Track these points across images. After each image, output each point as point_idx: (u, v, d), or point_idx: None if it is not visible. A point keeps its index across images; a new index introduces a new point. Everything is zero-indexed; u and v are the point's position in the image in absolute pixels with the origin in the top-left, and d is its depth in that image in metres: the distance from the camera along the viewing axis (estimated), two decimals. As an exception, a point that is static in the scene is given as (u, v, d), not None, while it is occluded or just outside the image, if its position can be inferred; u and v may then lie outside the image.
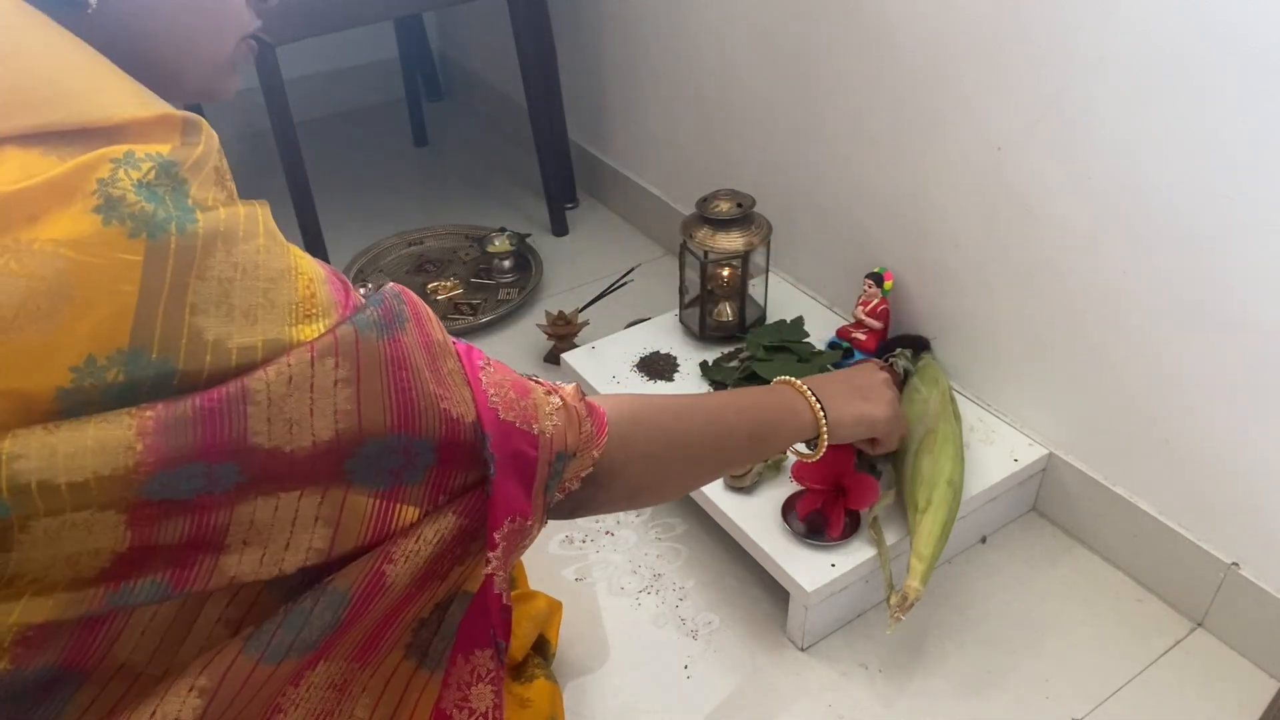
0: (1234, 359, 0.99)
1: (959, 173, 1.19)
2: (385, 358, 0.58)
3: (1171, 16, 0.91)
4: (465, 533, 0.64)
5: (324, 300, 0.58)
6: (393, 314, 0.60)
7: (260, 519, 0.55)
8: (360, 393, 0.56)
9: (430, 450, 0.61)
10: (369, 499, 0.59)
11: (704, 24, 1.50)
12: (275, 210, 0.64)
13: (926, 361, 1.26)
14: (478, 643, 0.67)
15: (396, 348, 0.59)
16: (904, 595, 1.01)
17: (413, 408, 0.59)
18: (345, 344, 0.56)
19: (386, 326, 0.59)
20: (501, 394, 0.65)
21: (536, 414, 0.67)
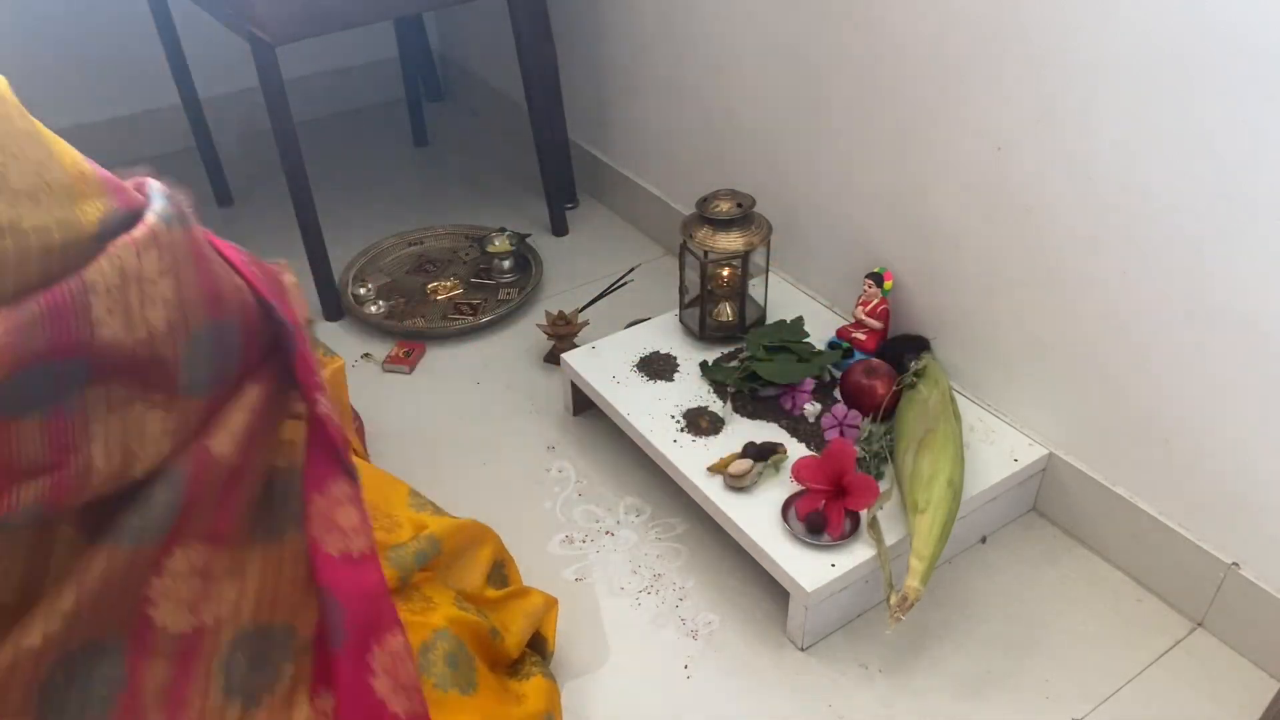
0: (1234, 359, 0.99)
1: (959, 173, 1.19)
2: (189, 250, 0.63)
3: (1171, 17, 0.91)
4: (270, 399, 0.70)
5: (94, 179, 0.62)
6: (180, 210, 0.65)
7: (112, 428, 0.59)
8: (179, 283, 0.62)
9: (236, 333, 0.67)
10: (203, 403, 0.65)
11: (704, 24, 1.50)
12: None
13: (926, 361, 1.26)
14: (327, 475, 0.72)
15: (193, 240, 0.64)
16: (904, 595, 1.01)
17: (219, 294, 0.65)
18: (160, 236, 0.61)
19: (181, 220, 0.64)
20: (259, 268, 0.71)
21: (284, 285, 0.73)
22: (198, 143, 1.89)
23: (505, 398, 1.48)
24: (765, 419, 1.26)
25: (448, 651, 0.84)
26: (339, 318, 1.65)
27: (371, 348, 1.59)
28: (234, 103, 2.09)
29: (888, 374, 1.23)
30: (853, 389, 1.23)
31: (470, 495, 1.31)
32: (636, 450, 1.31)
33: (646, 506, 1.29)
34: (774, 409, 1.27)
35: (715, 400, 1.29)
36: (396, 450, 1.38)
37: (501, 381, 1.52)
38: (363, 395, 1.46)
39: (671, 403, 1.29)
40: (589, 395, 1.36)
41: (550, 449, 1.39)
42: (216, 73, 1.96)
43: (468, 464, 1.37)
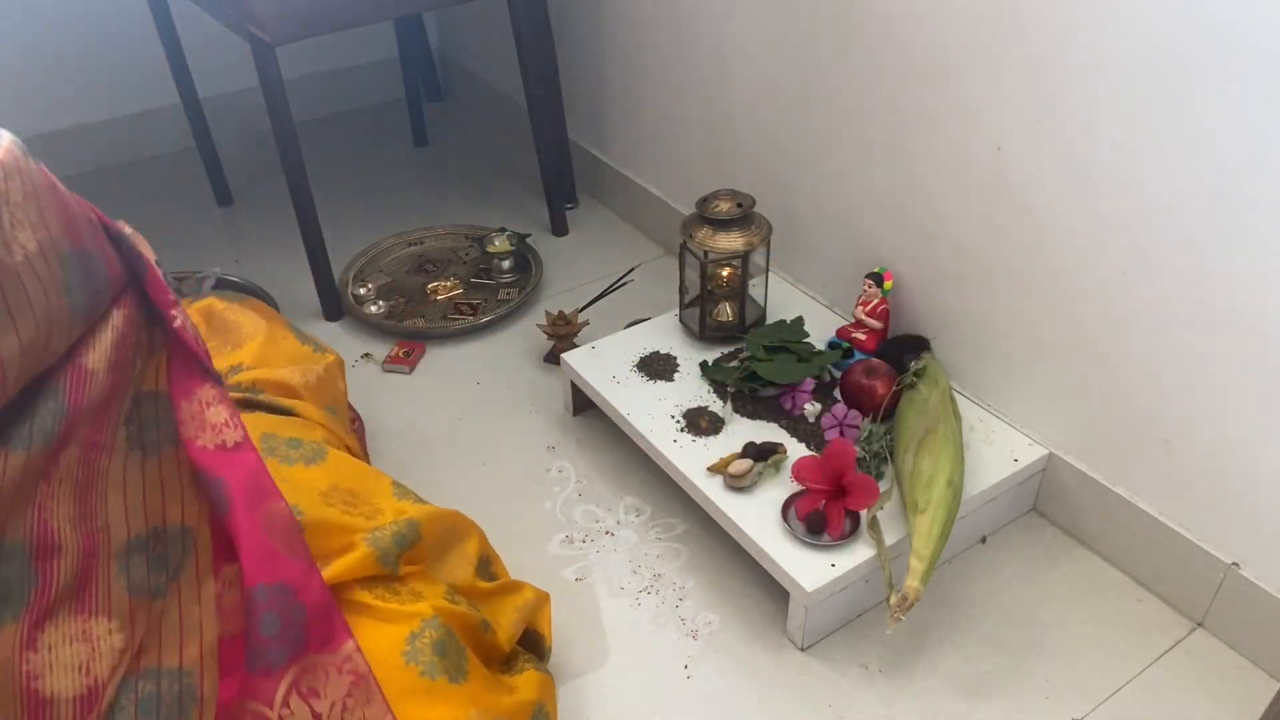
0: (1234, 359, 0.99)
1: (959, 173, 1.19)
2: (43, 179, 0.64)
3: (1171, 17, 0.91)
4: (130, 322, 0.72)
5: None
6: (24, 145, 0.65)
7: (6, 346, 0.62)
8: (41, 208, 0.63)
9: (99, 260, 0.68)
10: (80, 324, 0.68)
11: (704, 24, 1.50)
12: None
13: (926, 361, 1.26)
14: (192, 384, 0.75)
15: (43, 171, 0.65)
16: (904, 595, 1.01)
17: (75, 223, 0.66)
18: (20, 162, 0.62)
19: (28, 153, 0.65)
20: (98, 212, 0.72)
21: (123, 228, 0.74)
22: (198, 143, 1.90)
23: (505, 398, 1.48)
24: (765, 419, 1.26)
25: (436, 639, 0.84)
26: (339, 318, 1.65)
27: (371, 348, 1.59)
28: (234, 103, 2.09)
29: (888, 374, 1.23)
30: (853, 389, 1.23)
31: (470, 495, 1.31)
32: (636, 450, 1.31)
33: (646, 506, 1.29)
34: (774, 409, 1.27)
35: (715, 400, 1.29)
36: (396, 450, 1.38)
37: (501, 381, 1.52)
38: (363, 395, 1.46)
39: (671, 403, 1.29)
40: (589, 395, 1.36)
41: (550, 449, 1.39)
42: (216, 73, 1.96)
43: (468, 464, 1.37)
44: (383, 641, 0.82)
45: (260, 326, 1.12)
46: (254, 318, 1.13)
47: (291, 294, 1.68)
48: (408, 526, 0.90)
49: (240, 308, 1.14)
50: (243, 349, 1.07)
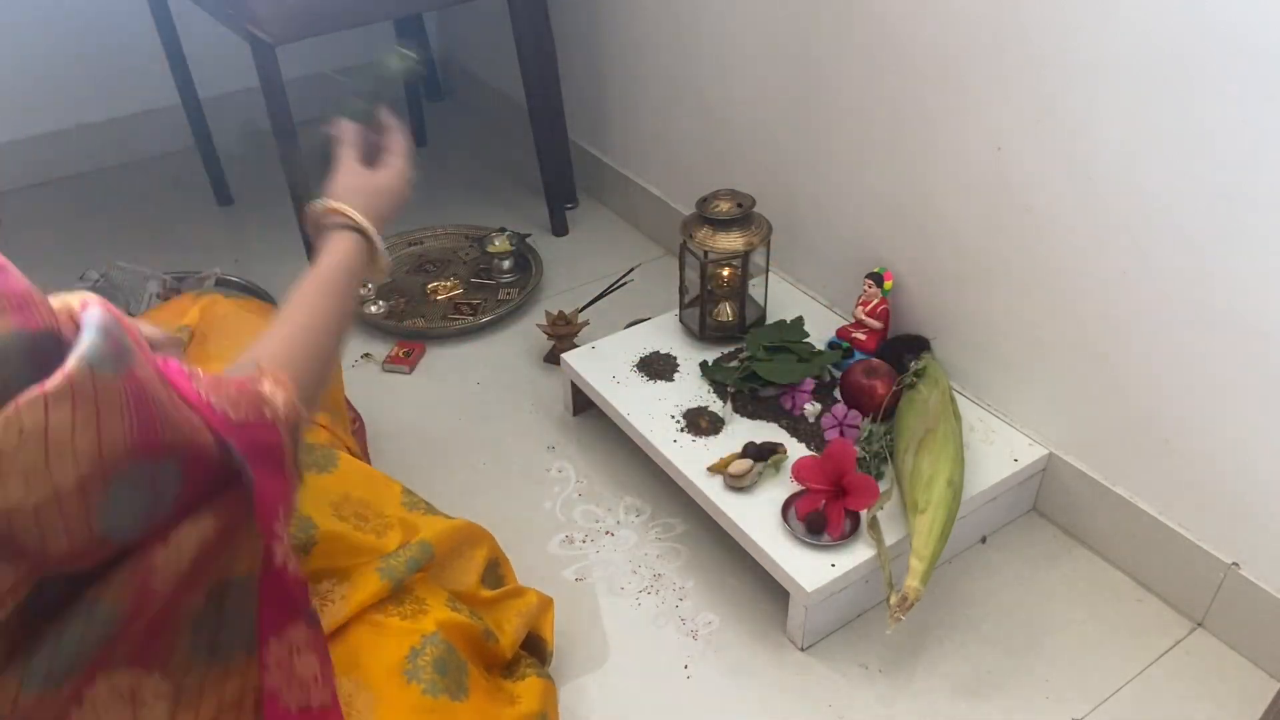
0: (1234, 359, 0.99)
1: (959, 173, 1.19)
2: (127, 395, 0.53)
3: (1171, 17, 0.91)
4: (227, 530, 0.63)
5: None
6: (121, 347, 0.54)
7: None
8: (100, 434, 0.52)
9: (174, 474, 0.58)
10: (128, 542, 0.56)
11: (704, 24, 1.50)
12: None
13: (926, 361, 1.26)
14: (284, 620, 0.67)
15: (133, 382, 0.54)
16: (904, 595, 1.01)
17: (154, 441, 0.55)
18: (80, 386, 0.50)
19: (119, 360, 0.53)
20: (223, 395, 0.62)
21: (261, 398, 0.65)
22: (198, 143, 1.90)
23: (505, 398, 1.48)
24: (765, 419, 1.26)
25: (436, 657, 0.84)
26: (339, 318, 1.65)
27: (371, 348, 1.59)
28: (234, 103, 2.09)
29: (888, 374, 1.23)
30: (853, 389, 1.23)
31: (470, 495, 1.31)
32: (636, 450, 1.31)
33: (646, 506, 1.29)
34: (774, 409, 1.27)
35: (715, 400, 1.29)
36: (396, 450, 1.38)
37: (501, 381, 1.52)
38: (363, 395, 1.46)
39: (671, 403, 1.29)
40: (589, 395, 1.36)
41: (550, 449, 1.39)
42: (216, 73, 1.96)
43: (468, 464, 1.37)
44: (384, 659, 0.82)
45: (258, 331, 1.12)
46: (255, 322, 1.12)
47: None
48: (420, 551, 0.90)
49: (243, 310, 1.13)
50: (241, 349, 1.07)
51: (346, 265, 0.84)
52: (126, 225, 1.91)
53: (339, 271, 0.83)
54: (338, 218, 0.85)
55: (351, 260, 0.84)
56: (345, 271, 0.83)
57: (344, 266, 0.83)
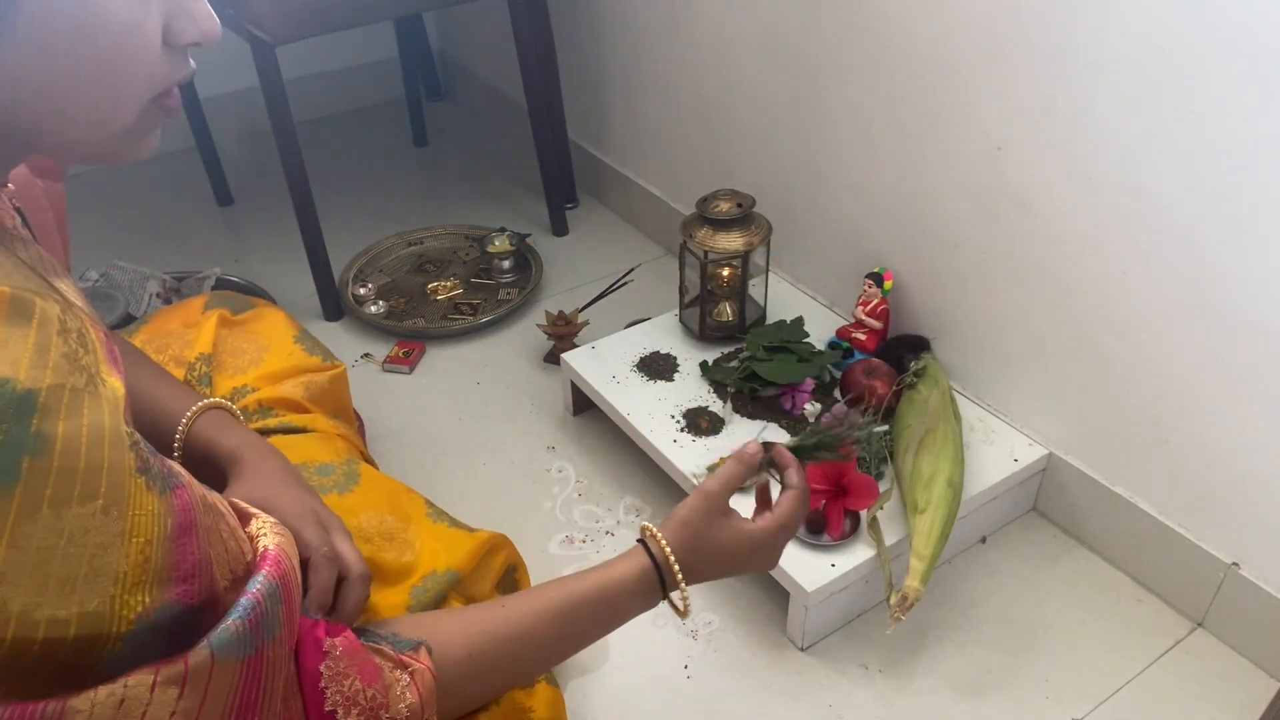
0: (1234, 359, 0.99)
1: (959, 173, 1.19)
2: (239, 680, 0.50)
3: (1170, 17, 0.91)
4: None
5: (159, 565, 0.48)
6: (263, 622, 0.51)
7: None
8: (198, 716, 0.49)
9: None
10: None
11: (704, 24, 1.50)
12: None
13: (926, 361, 1.26)
14: None
15: (256, 666, 0.51)
16: (904, 595, 1.01)
17: None
18: (197, 674, 0.48)
19: (251, 641, 0.50)
20: (344, 691, 0.59)
21: (389, 699, 0.61)
22: (198, 143, 1.90)
23: (505, 398, 1.48)
24: (765, 419, 1.26)
25: None
26: (339, 318, 1.65)
27: (371, 348, 1.59)
28: (234, 103, 2.09)
29: (888, 374, 1.23)
30: (853, 389, 1.23)
31: (470, 495, 1.31)
32: (636, 450, 1.31)
33: (646, 506, 1.29)
34: (774, 409, 1.27)
35: (715, 400, 1.29)
36: (397, 450, 1.38)
37: (501, 381, 1.52)
38: (363, 395, 1.46)
39: (671, 403, 1.29)
40: (589, 395, 1.36)
41: (550, 449, 1.39)
42: (216, 73, 1.96)
43: (468, 464, 1.37)
44: None
45: (268, 344, 1.11)
46: (260, 337, 1.11)
47: (291, 294, 1.69)
48: (447, 581, 0.89)
49: (249, 325, 1.12)
50: (247, 372, 1.06)
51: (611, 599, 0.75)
52: (126, 225, 1.91)
53: (597, 603, 0.75)
54: (656, 542, 0.78)
55: (623, 599, 0.75)
56: (603, 605, 0.75)
57: (607, 599, 0.75)
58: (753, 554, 0.80)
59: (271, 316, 1.14)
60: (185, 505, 0.50)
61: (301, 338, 1.13)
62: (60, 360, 0.46)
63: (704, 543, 0.79)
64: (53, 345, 0.45)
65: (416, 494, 0.98)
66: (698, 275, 1.35)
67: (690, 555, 0.78)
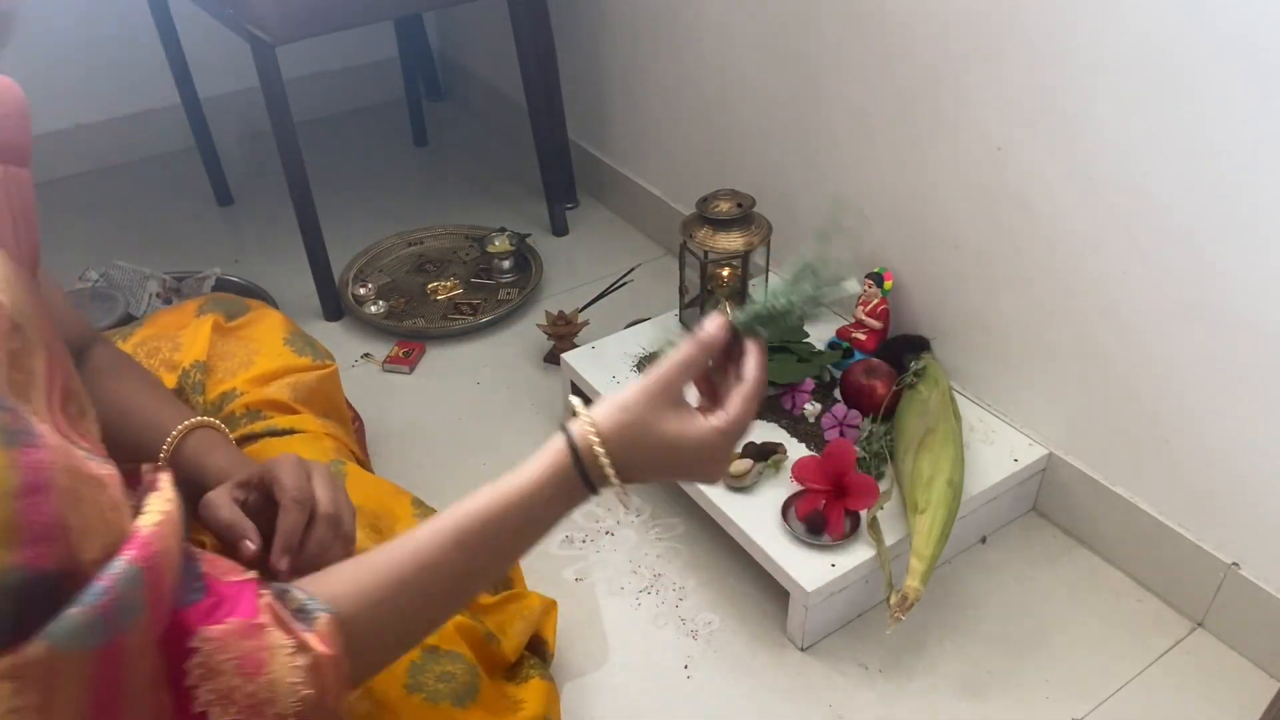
0: (1234, 359, 0.99)
1: (959, 173, 1.19)
2: (91, 672, 0.46)
3: (1170, 17, 0.91)
4: None
5: (2, 521, 0.44)
6: (119, 608, 0.46)
7: None
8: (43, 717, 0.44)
9: None
10: None
11: (704, 24, 1.50)
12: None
13: (926, 361, 1.26)
14: None
15: (110, 655, 0.46)
16: (904, 595, 1.01)
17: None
18: (29, 666, 0.43)
19: (103, 629, 0.46)
20: (218, 689, 0.53)
21: (274, 695, 0.54)
22: (198, 143, 1.90)
23: (505, 398, 1.48)
24: (765, 419, 1.26)
25: (441, 672, 0.84)
26: (339, 318, 1.65)
27: (371, 348, 1.59)
28: (234, 103, 2.09)
29: (888, 374, 1.23)
30: (853, 389, 1.23)
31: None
32: (636, 450, 1.31)
33: (646, 506, 1.29)
34: (774, 409, 1.27)
35: (715, 400, 1.29)
36: (397, 450, 1.38)
37: (501, 381, 1.52)
38: (363, 395, 1.46)
39: (671, 403, 1.29)
40: (589, 395, 1.36)
41: (550, 449, 1.39)
42: (216, 73, 1.96)
43: (468, 464, 1.36)
44: (381, 679, 0.81)
45: (259, 348, 1.11)
46: (251, 341, 1.11)
47: (291, 294, 1.69)
48: None
49: (241, 331, 1.12)
50: (236, 376, 1.06)
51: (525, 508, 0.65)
52: (126, 225, 1.91)
53: (507, 516, 0.65)
54: (583, 431, 0.66)
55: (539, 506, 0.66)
56: (516, 517, 0.65)
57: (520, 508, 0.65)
58: (698, 457, 0.67)
59: (265, 320, 1.13)
60: (36, 463, 0.46)
61: (292, 339, 1.12)
62: None
63: (645, 435, 0.66)
64: None
65: (404, 493, 0.98)
66: (698, 275, 1.35)
67: (627, 449, 0.66)
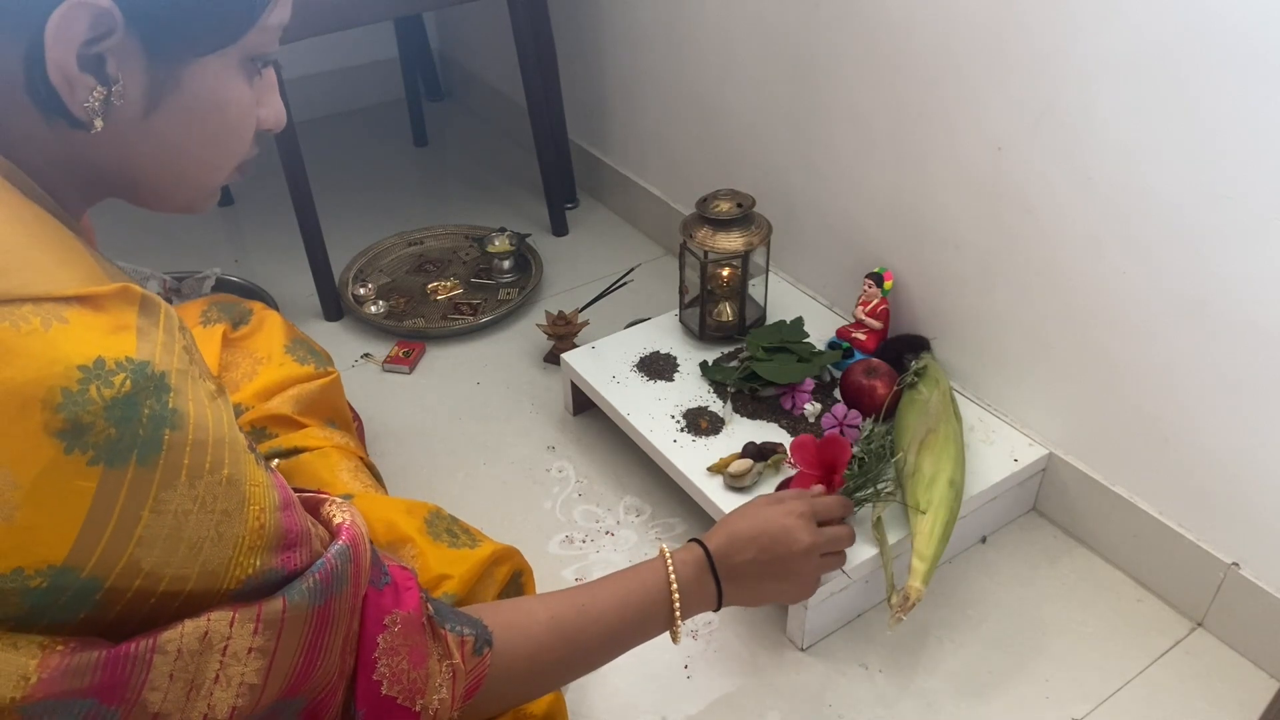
0: (1234, 359, 0.99)
1: (959, 173, 1.19)
2: (309, 626, 0.56)
3: (1170, 17, 0.91)
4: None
5: (272, 532, 0.55)
6: (332, 578, 0.58)
7: None
8: (271, 666, 0.55)
9: (297, 712, 0.59)
10: None
11: (704, 24, 1.50)
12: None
13: (926, 361, 1.26)
14: None
15: (324, 614, 0.57)
16: (905, 595, 1.01)
17: (310, 673, 0.58)
18: (271, 617, 0.54)
19: (321, 592, 0.57)
20: (393, 665, 0.63)
21: (426, 687, 0.65)
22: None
23: (505, 398, 1.48)
24: (765, 419, 1.26)
25: None
26: (339, 318, 1.65)
27: (371, 348, 1.59)
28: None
29: (888, 374, 1.23)
30: (853, 389, 1.23)
31: (470, 495, 1.31)
32: (636, 450, 1.31)
33: (646, 506, 1.29)
34: (774, 409, 1.27)
35: (715, 400, 1.29)
36: (396, 450, 1.38)
37: (501, 381, 1.52)
38: (363, 395, 1.46)
39: (671, 403, 1.29)
40: (589, 395, 1.36)
41: (550, 449, 1.39)
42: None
43: (468, 464, 1.37)
44: None
45: (263, 357, 1.11)
46: (255, 351, 1.11)
47: (291, 294, 1.69)
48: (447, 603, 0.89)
49: (244, 342, 1.12)
50: (241, 388, 1.06)
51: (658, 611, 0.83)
52: (126, 225, 1.91)
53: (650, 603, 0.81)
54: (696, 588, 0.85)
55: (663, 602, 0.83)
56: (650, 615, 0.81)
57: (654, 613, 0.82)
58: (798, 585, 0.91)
59: (265, 327, 1.13)
60: (281, 484, 0.57)
61: (292, 346, 1.12)
62: (181, 352, 0.51)
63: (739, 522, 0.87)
64: (175, 339, 0.51)
65: (416, 511, 0.96)
66: (698, 275, 1.35)
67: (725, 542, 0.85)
